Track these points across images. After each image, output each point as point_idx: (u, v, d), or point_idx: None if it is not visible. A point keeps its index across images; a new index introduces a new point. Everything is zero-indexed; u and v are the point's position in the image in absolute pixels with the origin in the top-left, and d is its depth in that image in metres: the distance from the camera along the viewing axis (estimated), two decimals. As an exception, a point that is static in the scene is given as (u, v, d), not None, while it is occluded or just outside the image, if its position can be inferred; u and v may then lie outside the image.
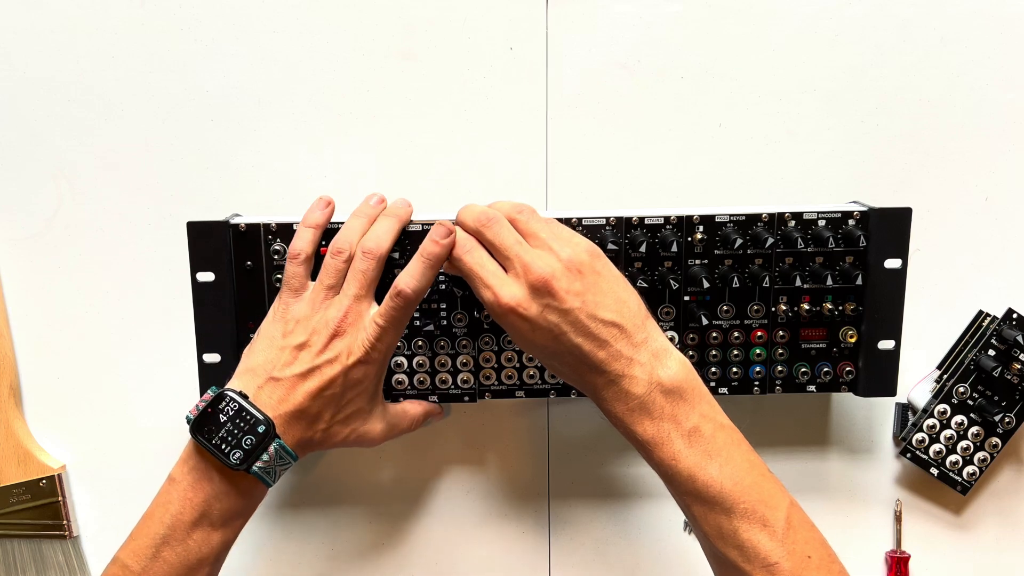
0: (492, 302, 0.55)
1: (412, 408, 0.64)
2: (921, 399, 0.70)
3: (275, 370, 0.56)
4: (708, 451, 0.53)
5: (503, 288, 0.55)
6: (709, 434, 0.54)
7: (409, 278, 0.57)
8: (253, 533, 0.73)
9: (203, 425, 0.55)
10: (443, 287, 0.64)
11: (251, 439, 0.54)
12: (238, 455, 0.54)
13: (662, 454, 0.54)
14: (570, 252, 0.55)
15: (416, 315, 0.64)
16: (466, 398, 0.66)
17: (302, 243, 0.60)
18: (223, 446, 0.54)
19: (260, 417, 0.54)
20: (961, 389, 0.68)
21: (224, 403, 0.55)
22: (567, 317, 0.54)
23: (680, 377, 0.54)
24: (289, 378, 0.56)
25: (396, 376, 0.65)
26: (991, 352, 0.67)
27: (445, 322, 0.64)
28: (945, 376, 0.69)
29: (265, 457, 0.54)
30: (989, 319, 0.69)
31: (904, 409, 0.71)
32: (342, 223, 0.61)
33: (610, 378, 0.54)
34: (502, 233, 0.57)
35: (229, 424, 0.54)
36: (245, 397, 0.55)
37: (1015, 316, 0.67)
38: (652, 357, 0.54)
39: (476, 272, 0.56)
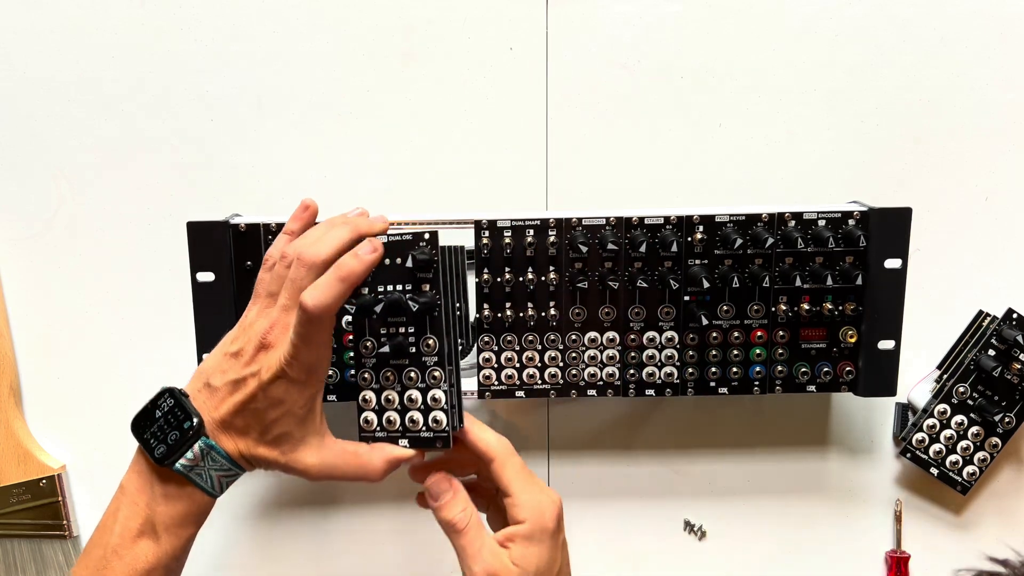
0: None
1: (370, 454, 0.56)
2: (921, 399, 0.70)
3: (212, 376, 0.54)
4: None
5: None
6: None
7: (314, 291, 0.50)
8: (253, 533, 0.73)
9: (140, 420, 0.54)
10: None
11: (176, 434, 0.52)
12: (162, 449, 0.52)
13: None
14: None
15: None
16: (468, 394, 0.65)
17: (274, 249, 0.56)
18: (152, 440, 0.53)
19: (189, 413, 0.52)
20: (961, 389, 0.68)
21: (162, 399, 0.54)
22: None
23: None
24: (221, 386, 0.53)
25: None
26: (991, 352, 0.67)
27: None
28: (945, 376, 0.69)
29: (189, 455, 0.52)
30: (989, 319, 0.69)
31: (904, 409, 0.71)
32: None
33: None
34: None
35: (162, 420, 0.53)
36: (185, 396, 0.54)
37: (1015, 316, 0.67)
38: None
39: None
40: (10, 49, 0.67)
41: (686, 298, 0.64)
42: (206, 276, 0.63)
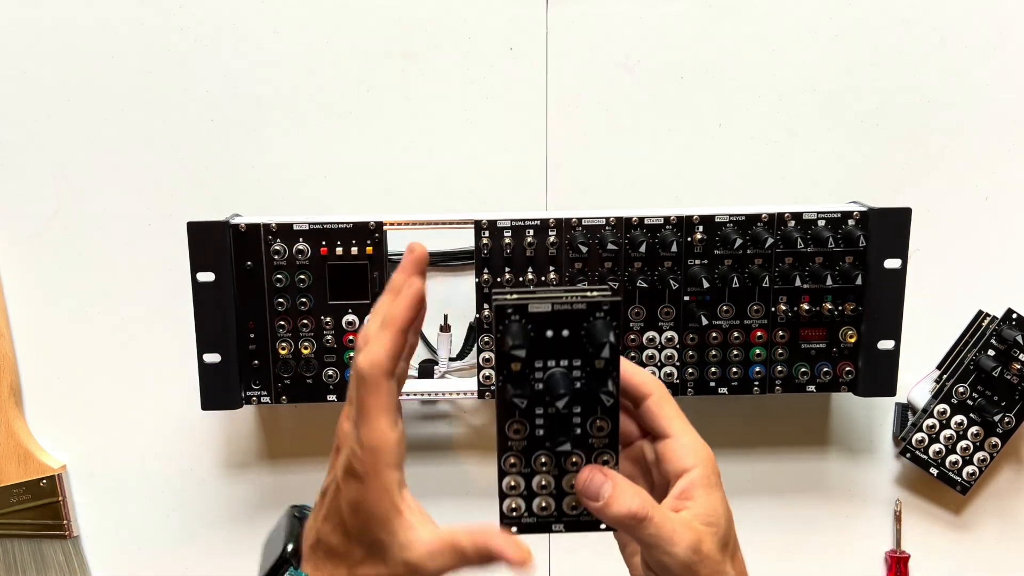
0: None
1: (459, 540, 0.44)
2: (921, 399, 0.70)
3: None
4: None
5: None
6: None
7: (362, 352, 0.42)
8: (254, 533, 0.73)
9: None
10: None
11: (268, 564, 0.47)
12: None
13: None
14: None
15: None
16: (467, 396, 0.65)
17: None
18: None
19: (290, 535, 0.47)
20: (961, 389, 0.68)
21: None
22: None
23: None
24: (314, 505, 0.46)
25: None
26: (991, 352, 0.67)
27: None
28: (945, 376, 0.69)
29: None
30: (989, 319, 0.69)
31: (904, 409, 0.71)
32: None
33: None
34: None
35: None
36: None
37: (1015, 316, 0.67)
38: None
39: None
40: (10, 49, 0.67)
41: (686, 298, 0.64)
42: (206, 276, 0.63)
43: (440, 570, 0.43)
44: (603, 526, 0.46)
